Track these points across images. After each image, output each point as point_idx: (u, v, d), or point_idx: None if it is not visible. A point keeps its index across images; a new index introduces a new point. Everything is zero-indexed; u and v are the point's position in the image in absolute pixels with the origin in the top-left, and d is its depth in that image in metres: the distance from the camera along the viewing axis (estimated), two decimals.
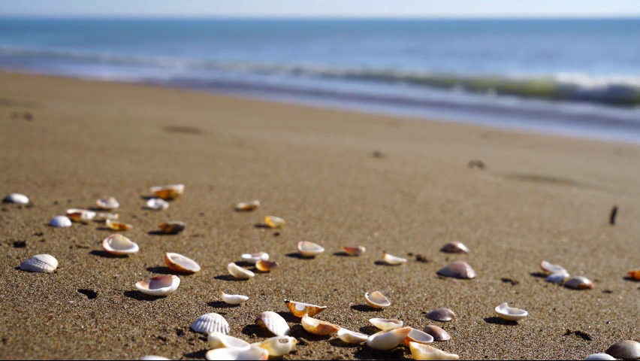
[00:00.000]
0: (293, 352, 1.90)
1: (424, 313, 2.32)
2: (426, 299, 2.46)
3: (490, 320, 2.30)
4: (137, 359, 1.75)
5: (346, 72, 25.03)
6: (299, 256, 2.86)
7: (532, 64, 29.26)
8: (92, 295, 2.19)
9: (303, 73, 25.15)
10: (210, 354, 1.73)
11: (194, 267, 2.54)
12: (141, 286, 2.22)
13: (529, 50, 40.08)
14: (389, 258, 2.87)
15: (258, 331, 2.03)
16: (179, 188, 3.67)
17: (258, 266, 2.62)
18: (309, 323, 2.02)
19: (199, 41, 53.80)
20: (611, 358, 2.00)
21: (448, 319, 2.28)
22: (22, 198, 3.28)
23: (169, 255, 2.51)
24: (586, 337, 2.22)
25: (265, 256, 2.74)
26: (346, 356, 1.91)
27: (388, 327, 2.09)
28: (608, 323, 2.38)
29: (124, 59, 31.08)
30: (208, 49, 41.41)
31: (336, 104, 15.39)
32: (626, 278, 2.95)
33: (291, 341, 1.86)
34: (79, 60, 29.99)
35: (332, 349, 1.94)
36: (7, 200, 3.25)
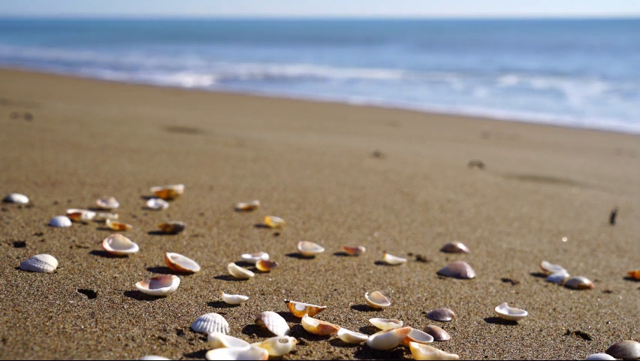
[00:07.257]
0: (293, 352, 1.90)
1: (424, 313, 2.32)
2: (426, 299, 2.46)
3: (490, 320, 2.30)
4: (137, 359, 1.75)
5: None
6: (299, 256, 2.86)
7: None
8: (92, 295, 2.19)
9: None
10: (210, 354, 1.73)
11: (194, 267, 2.53)
12: (141, 286, 2.22)
13: None
14: (389, 258, 2.87)
15: (257, 331, 2.03)
16: (179, 188, 3.67)
17: (258, 266, 2.62)
18: (309, 323, 2.02)
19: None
20: (611, 358, 2.00)
21: (448, 319, 2.27)
22: (22, 198, 3.28)
23: (169, 255, 2.51)
24: (586, 337, 2.22)
25: (265, 256, 2.74)
26: (346, 356, 1.91)
27: (388, 327, 2.09)
28: (608, 323, 2.38)
29: None
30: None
31: None
32: (626, 278, 2.95)
33: (291, 341, 1.86)
34: None
35: (332, 349, 1.94)
36: (7, 200, 3.25)
